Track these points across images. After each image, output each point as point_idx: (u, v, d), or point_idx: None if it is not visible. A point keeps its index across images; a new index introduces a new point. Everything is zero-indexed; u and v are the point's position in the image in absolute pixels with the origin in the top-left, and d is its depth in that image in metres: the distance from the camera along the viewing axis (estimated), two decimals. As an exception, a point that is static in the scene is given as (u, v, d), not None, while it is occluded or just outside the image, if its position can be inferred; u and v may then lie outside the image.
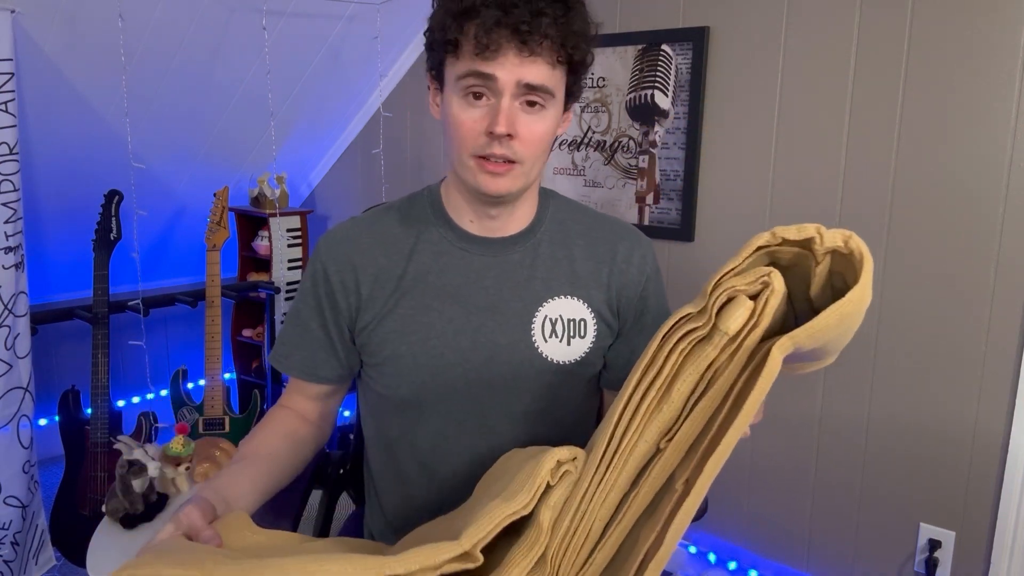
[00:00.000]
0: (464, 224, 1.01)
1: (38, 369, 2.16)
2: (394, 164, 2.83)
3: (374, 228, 1.03)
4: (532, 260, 1.01)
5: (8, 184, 1.87)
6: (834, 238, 0.62)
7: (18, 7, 1.86)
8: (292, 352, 1.04)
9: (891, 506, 1.85)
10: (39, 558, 2.12)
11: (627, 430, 0.66)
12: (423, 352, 0.98)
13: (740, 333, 0.63)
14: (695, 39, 2.00)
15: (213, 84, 2.45)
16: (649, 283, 1.05)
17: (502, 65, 0.85)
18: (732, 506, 2.12)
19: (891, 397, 1.82)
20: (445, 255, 1.00)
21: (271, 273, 2.82)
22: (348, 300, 1.00)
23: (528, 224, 1.02)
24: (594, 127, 2.24)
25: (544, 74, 0.87)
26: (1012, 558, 1.70)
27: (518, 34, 0.84)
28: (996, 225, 1.65)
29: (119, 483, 1.73)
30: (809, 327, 0.59)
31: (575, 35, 0.88)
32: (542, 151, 0.93)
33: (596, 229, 1.05)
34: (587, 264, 1.02)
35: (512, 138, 0.88)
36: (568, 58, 0.89)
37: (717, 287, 0.64)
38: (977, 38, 1.62)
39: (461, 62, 0.88)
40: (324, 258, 1.01)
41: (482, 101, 0.88)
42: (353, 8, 2.43)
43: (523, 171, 0.92)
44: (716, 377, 0.64)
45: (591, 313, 1.01)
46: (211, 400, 2.36)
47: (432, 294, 0.99)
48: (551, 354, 1.00)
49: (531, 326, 0.99)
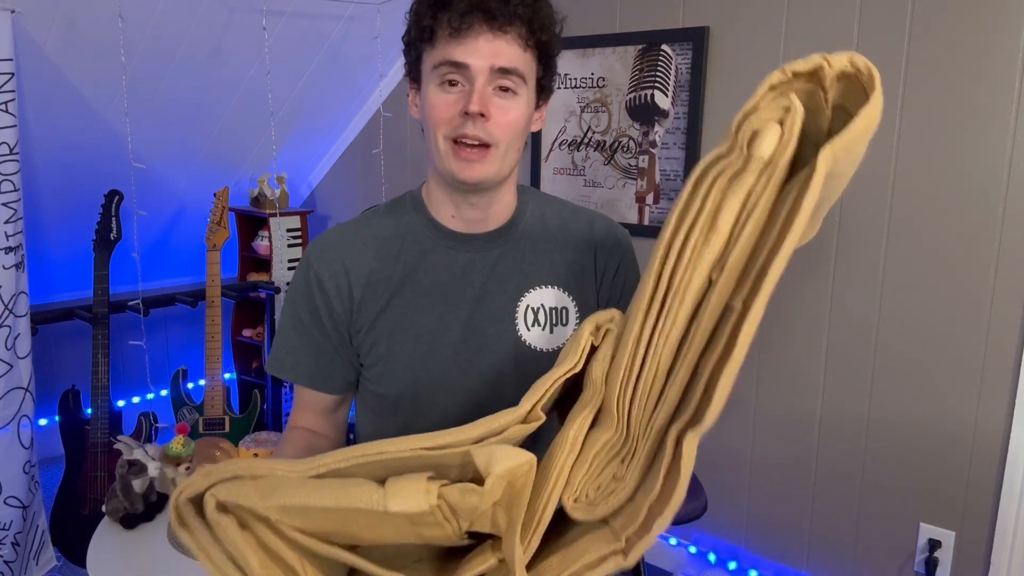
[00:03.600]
0: (447, 221, 1.03)
1: (38, 369, 2.16)
2: (394, 164, 2.83)
3: (362, 232, 1.05)
4: (515, 253, 1.04)
5: (8, 184, 1.87)
6: (840, 60, 0.64)
7: (18, 7, 1.86)
8: (299, 361, 1.04)
9: (891, 506, 1.85)
10: (39, 558, 2.12)
11: (676, 269, 0.68)
12: (416, 348, 1.00)
13: (773, 157, 0.65)
14: (695, 39, 2.00)
15: (213, 84, 2.45)
16: (626, 258, 1.09)
17: (474, 52, 0.90)
18: (732, 506, 2.12)
19: (891, 397, 1.82)
20: (430, 253, 1.03)
21: (271, 273, 2.82)
22: (344, 304, 1.01)
23: (509, 218, 1.05)
24: (594, 127, 2.24)
25: (515, 56, 0.91)
26: (1012, 558, 1.70)
27: (490, 18, 0.89)
28: (996, 225, 1.65)
29: (119, 483, 1.73)
30: (843, 136, 0.61)
31: (544, 18, 0.93)
32: (515, 136, 0.95)
33: (573, 220, 1.09)
34: (567, 253, 1.06)
35: (486, 119, 0.91)
36: (537, 41, 0.93)
37: (741, 126, 0.67)
38: (977, 38, 1.62)
39: (437, 50, 0.92)
40: (316, 264, 1.02)
41: (456, 88, 0.92)
42: (353, 8, 2.43)
43: (498, 155, 0.94)
44: (757, 203, 0.67)
45: (572, 301, 1.05)
46: (211, 400, 2.36)
47: (421, 292, 1.01)
48: (535, 342, 1.03)
49: (515, 316, 1.02)
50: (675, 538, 2.23)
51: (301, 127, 2.88)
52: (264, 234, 2.88)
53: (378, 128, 2.85)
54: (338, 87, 2.76)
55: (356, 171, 3.04)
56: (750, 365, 2.04)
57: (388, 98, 2.81)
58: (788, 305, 1.96)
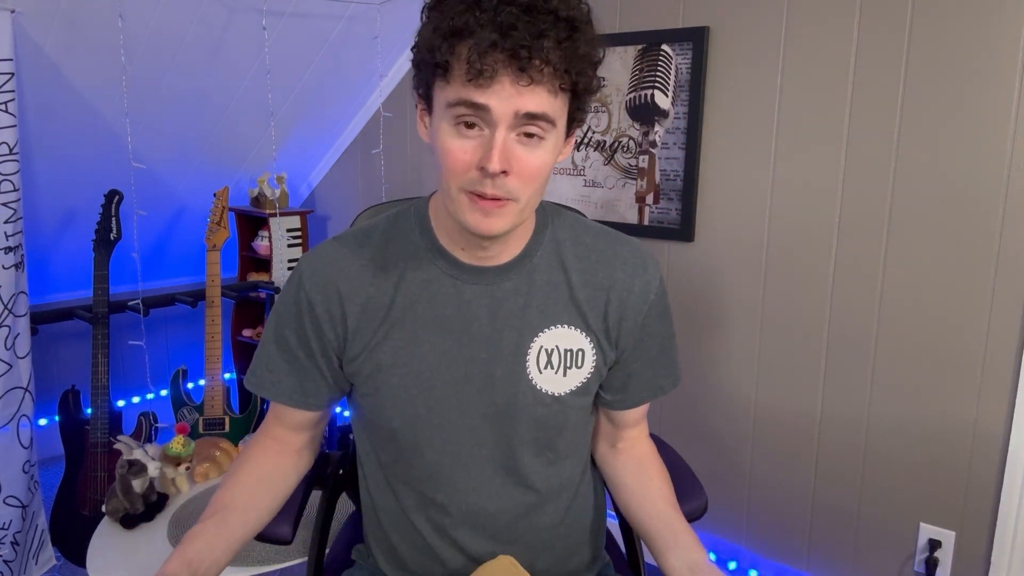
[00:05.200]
0: (455, 252, 0.94)
1: (38, 369, 2.16)
2: (394, 164, 2.83)
3: (359, 253, 0.96)
4: (527, 288, 0.95)
5: (8, 184, 1.87)
6: None
7: (18, 7, 1.86)
8: (280, 379, 0.99)
9: (891, 506, 1.85)
10: (39, 558, 2.12)
11: None
12: (415, 384, 0.94)
13: None
14: (695, 39, 2.00)
15: (213, 84, 2.45)
16: (652, 310, 0.99)
17: (497, 94, 0.77)
18: (732, 506, 2.12)
19: (891, 397, 1.82)
20: (435, 283, 0.94)
21: (271, 273, 2.82)
22: (335, 330, 0.95)
23: (523, 249, 0.95)
24: (594, 127, 2.24)
25: (545, 103, 0.79)
26: (1012, 558, 1.70)
27: (516, 59, 0.75)
28: (996, 225, 1.65)
29: (119, 483, 1.73)
30: None
31: (580, 59, 0.79)
32: (539, 185, 0.85)
33: (594, 250, 0.98)
34: (584, 290, 0.96)
35: (507, 175, 0.80)
36: (572, 85, 0.81)
37: None
38: (977, 38, 1.62)
39: (451, 87, 0.79)
40: (308, 286, 0.95)
41: (474, 131, 0.80)
42: (353, 8, 2.43)
43: (518, 209, 0.84)
44: None
45: (589, 341, 0.97)
46: (211, 400, 2.36)
47: (422, 325, 0.94)
48: (545, 386, 0.96)
49: (526, 358, 0.94)
50: (675, 538, 2.23)
51: (301, 127, 2.88)
52: (264, 234, 2.88)
53: (378, 128, 2.85)
54: (338, 87, 2.76)
55: (356, 171, 3.04)
56: (750, 365, 2.04)
57: (388, 98, 2.81)
58: (788, 305, 1.96)
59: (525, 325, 0.94)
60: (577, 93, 0.83)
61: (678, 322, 1.09)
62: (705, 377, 2.13)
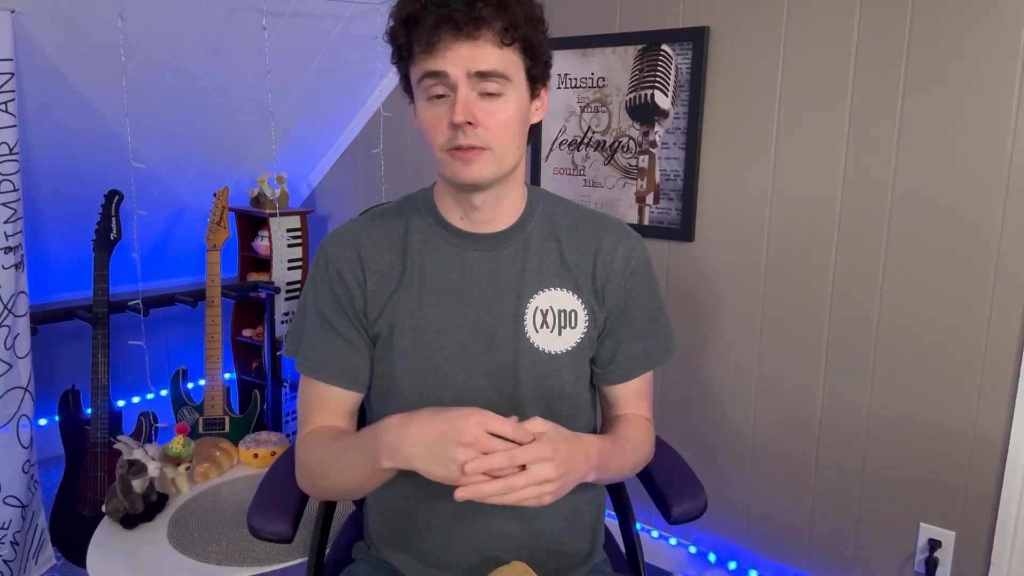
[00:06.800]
0: (455, 222, 1.04)
1: (38, 369, 2.16)
2: (394, 164, 2.83)
3: (374, 227, 1.06)
4: (524, 254, 1.04)
5: (8, 184, 1.87)
6: None
7: (18, 7, 1.86)
8: (329, 359, 1.03)
9: (891, 506, 1.85)
10: (39, 558, 2.12)
11: None
12: (424, 345, 1.01)
13: None
14: (695, 39, 2.00)
15: (213, 84, 2.45)
16: (635, 276, 1.07)
17: (450, 60, 0.89)
18: (732, 506, 2.12)
19: (891, 397, 1.82)
20: (440, 252, 1.04)
21: (271, 273, 2.82)
22: (362, 295, 1.03)
23: (518, 219, 1.05)
24: (594, 127, 2.24)
25: (492, 58, 0.90)
26: (1012, 558, 1.70)
27: (460, 27, 0.88)
28: (996, 225, 1.65)
29: (119, 483, 1.73)
30: None
31: (515, 13, 0.91)
32: (511, 136, 0.95)
33: (583, 222, 1.08)
34: (575, 256, 1.05)
35: (474, 126, 0.91)
36: (513, 38, 0.91)
37: None
38: (977, 38, 1.62)
39: (416, 66, 0.92)
40: (335, 258, 1.04)
41: (443, 100, 0.92)
42: (353, 8, 2.44)
43: (494, 157, 0.94)
44: None
45: (581, 303, 1.05)
46: (211, 400, 2.36)
47: (429, 290, 1.02)
48: (542, 344, 1.03)
49: (523, 317, 1.03)
50: (675, 538, 2.23)
51: (301, 127, 2.88)
52: (264, 234, 2.88)
53: (378, 128, 2.85)
54: (338, 87, 2.76)
55: (356, 171, 3.04)
56: (750, 364, 2.04)
57: (388, 98, 2.81)
58: (788, 304, 1.96)
59: (523, 288, 1.03)
60: (526, 47, 0.94)
61: (678, 322, 1.10)
62: (705, 377, 2.13)
